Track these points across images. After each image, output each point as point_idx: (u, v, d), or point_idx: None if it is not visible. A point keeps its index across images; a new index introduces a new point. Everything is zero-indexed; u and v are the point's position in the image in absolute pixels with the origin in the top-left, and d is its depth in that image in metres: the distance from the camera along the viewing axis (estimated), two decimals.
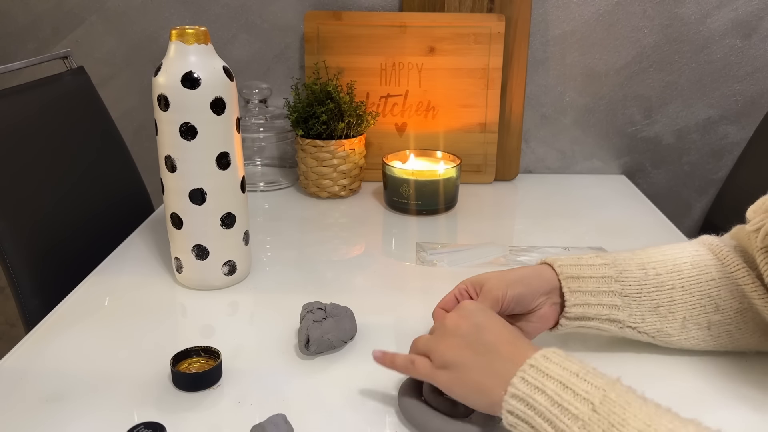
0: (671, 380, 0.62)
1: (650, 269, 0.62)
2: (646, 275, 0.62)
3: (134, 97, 1.26)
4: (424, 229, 0.99)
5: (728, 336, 0.62)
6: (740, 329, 0.61)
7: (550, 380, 0.46)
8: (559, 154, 1.26)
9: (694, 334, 0.62)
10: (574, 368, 0.47)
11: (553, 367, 0.47)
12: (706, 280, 0.61)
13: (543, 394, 0.46)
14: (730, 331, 0.62)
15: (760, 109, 1.20)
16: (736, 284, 0.60)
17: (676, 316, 0.62)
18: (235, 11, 1.19)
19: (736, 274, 0.60)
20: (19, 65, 0.95)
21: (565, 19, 1.16)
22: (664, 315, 0.62)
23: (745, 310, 0.61)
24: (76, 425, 0.56)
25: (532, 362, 0.48)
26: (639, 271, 0.62)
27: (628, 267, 0.62)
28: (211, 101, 0.72)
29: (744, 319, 0.61)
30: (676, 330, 0.62)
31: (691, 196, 1.28)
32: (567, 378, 0.46)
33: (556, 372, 0.47)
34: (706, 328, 0.62)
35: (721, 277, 0.61)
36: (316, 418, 0.57)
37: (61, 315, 0.75)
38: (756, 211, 0.58)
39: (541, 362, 0.48)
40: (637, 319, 0.62)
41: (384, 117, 1.17)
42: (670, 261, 0.63)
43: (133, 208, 1.11)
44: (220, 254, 0.78)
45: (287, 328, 0.71)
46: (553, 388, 0.46)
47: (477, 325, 0.53)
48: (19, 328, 1.47)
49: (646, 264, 0.63)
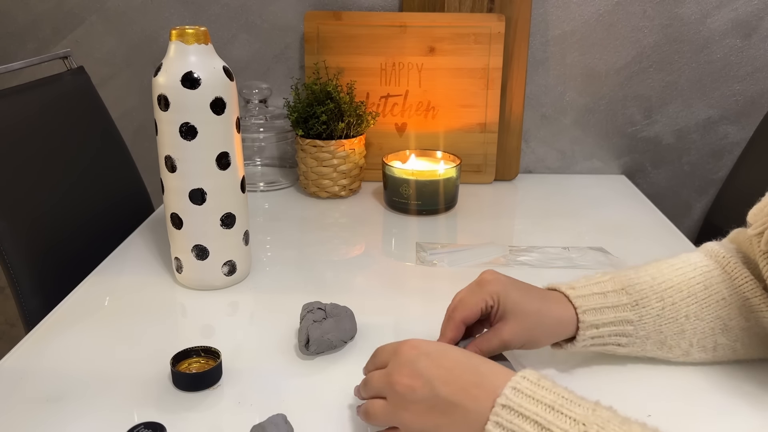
0: (673, 380, 0.62)
1: (667, 299, 0.60)
2: (663, 308, 0.60)
3: (134, 97, 1.26)
4: (424, 229, 0.99)
5: (732, 353, 0.62)
6: (744, 345, 0.61)
7: (526, 421, 0.43)
8: (559, 154, 1.26)
9: (696, 357, 0.62)
10: (549, 399, 0.44)
11: (525, 402, 0.44)
12: (716, 300, 0.60)
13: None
14: (735, 348, 0.61)
15: (760, 109, 1.20)
16: (744, 299, 0.60)
17: (681, 344, 0.61)
18: (235, 11, 1.19)
19: (744, 288, 0.60)
20: (19, 65, 0.95)
21: (565, 19, 1.16)
22: (669, 345, 0.61)
23: (751, 327, 0.60)
24: (76, 425, 0.56)
25: (503, 401, 0.44)
26: (657, 304, 0.60)
27: (648, 303, 0.60)
28: (211, 101, 0.72)
29: (749, 335, 0.61)
30: (677, 356, 0.62)
31: (691, 196, 1.28)
32: (543, 416, 0.43)
33: (529, 410, 0.43)
34: (711, 350, 0.62)
35: (731, 295, 0.60)
36: (316, 418, 0.57)
37: (61, 315, 0.75)
38: (757, 215, 0.57)
39: (513, 399, 0.44)
40: (637, 350, 0.62)
41: (384, 117, 1.17)
42: (684, 285, 0.61)
43: (133, 208, 1.11)
44: (220, 254, 0.78)
45: (287, 328, 0.71)
46: (531, 430, 0.43)
47: (429, 381, 0.47)
48: (19, 328, 1.47)
49: (664, 293, 0.61)
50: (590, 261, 0.87)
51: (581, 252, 0.89)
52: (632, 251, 0.90)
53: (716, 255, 0.63)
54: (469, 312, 0.60)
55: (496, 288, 0.60)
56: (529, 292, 0.62)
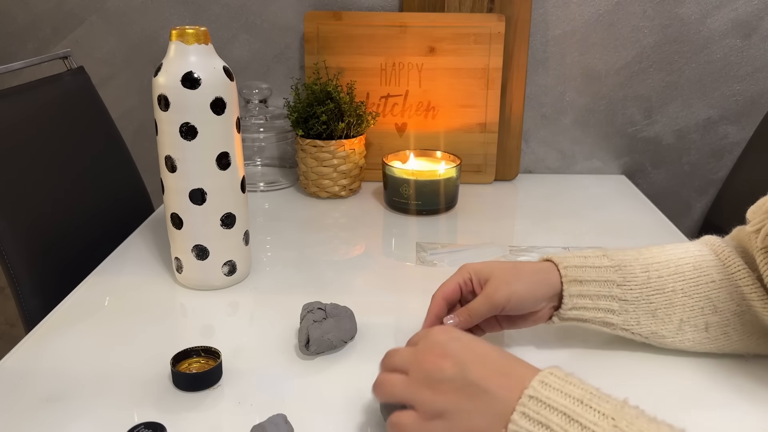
0: (673, 377, 0.62)
1: (653, 271, 0.62)
2: (648, 278, 0.62)
3: (134, 97, 1.26)
4: (424, 229, 0.99)
5: (725, 338, 0.62)
6: (737, 331, 0.61)
7: (554, 412, 0.42)
8: (559, 154, 1.26)
9: (690, 336, 0.62)
10: (577, 393, 0.43)
11: (554, 395, 0.43)
12: (706, 282, 0.61)
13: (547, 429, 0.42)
14: (728, 333, 0.62)
15: (760, 109, 1.20)
16: (736, 286, 0.60)
17: (672, 318, 0.62)
18: (235, 11, 1.19)
19: (737, 275, 0.60)
20: (19, 65, 0.95)
21: (565, 19, 1.16)
22: (660, 318, 0.62)
23: (743, 313, 0.61)
24: (76, 425, 0.56)
25: (531, 392, 0.44)
26: (642, 274, 0.62)
27: (632, 270, 0.62)
28: (211, 101, 0.72)
29: (741, 321, 0.61)
30: (671, 332, 0.62)
31: (691, 196, 1.28)
32: (572, 408, 0.42)
33: (558, 402, 0.43)
34: (703, 330, 0.62)
35: (722, 279, 0.61)
36: (316, 418, 0.57)
37: (61, 315, 0.75)
38: (756, 212, 0.58)
39: (541, 391, 0.43)
40: (631, 323, 0.62)
41: (384, 117, 1.17)
42: (672, 262, 0.63)
43: (133, 208, 1.11)
44: (220, 254, 0.78)
45: (287, 328, 0.71)
46: (558, 421, 0.42)
47: (460, 363, 0.47)
48: (19, 328, 1.47)
49: (650, 266, 0.62)
50: None
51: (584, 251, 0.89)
52: None
53: (712, 243, 0.64)
54: (447, 288, 0.64)
55: (472, 266, 0.64)
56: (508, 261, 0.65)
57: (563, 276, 0.62)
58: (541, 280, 0.62)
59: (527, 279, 0.62)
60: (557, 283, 0.62)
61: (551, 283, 0.62)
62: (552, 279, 0.62)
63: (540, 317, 0.64)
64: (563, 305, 0.62)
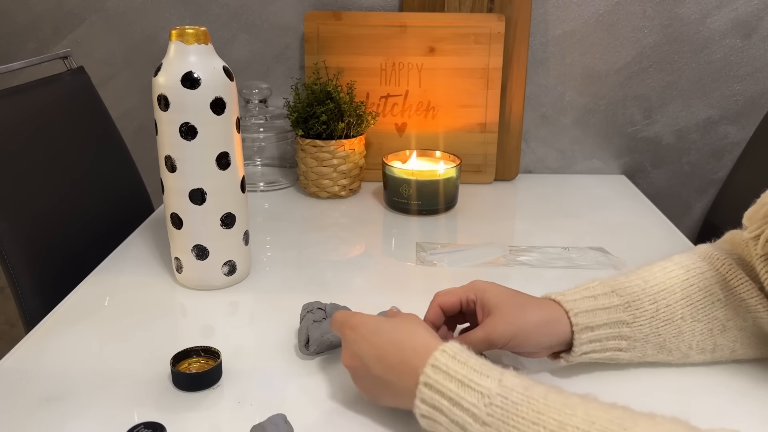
0: (668, 379, 0.62)
1: (661, 301, 0.60)
2: (657, 310, 0.60)
3: (134, 97, 1.26)
4: (424, 229, 0.99)
5: (731, 353, 0.62)
6: (743, 345, 0.61)
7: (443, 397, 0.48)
8: (559, 154, 1.26)
9: (695, 359, 0.62)
10: (461, 373, 0.48)
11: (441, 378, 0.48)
12: (712, 302, 0.60)
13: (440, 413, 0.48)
14: (734, 349, 0.61)
15: (760, 109, 1.20)
16: (740, 300, 0.59)
17: (680, 347, 0.61)
18: (235, 11, 1.19)
19: (740, 289, 0.59)
20: (19, 65, 0.95)
21: (565, 19, 1.16)
22: (668, 349, 0.61)
23: (748, 327, 0.60)
24: (76, 425, 0.56)
25: (423, 379, 0.49)
26: (651, 306, 0.60)
27: (641, 305, 0.60)
28: (211, 101, 0.72)
29: (747, 335, 0.60)
30: (677, 358, 0.62)
31: (691, 196, 1.28)
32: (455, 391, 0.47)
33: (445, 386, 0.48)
34: (710, 352, 0.61)
35: (726, 296, 0.60)
36: (316, 418, 0.57)
37: (61, 315, 0.75)
38: (752, 218, 0.57)
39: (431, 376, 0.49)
40: (638, 356, 0.61)
41: (384, 117, 1.17)
42: (678, 287, 0.60)
43: (133, 208, 1.11)
44: (220, 254, 0.78)
45: (287, 328, 0.71)
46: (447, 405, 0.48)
47: (364, 363, 0.54)
48: (19, 328, 1.47)
49: (657, 296, 0.60)
50: (590, 261, 0.87)
51: (581, 252, 0.89)
52: (632, 251, 0.90)
53: (710, 257, 0.62)
54: (448, 298, 0.63)
55: (479, 285, 0.62)
56: (516, 292, 0.62)
57: (574, 325, 0.59)
58: (549, 331, 0.59)
59: (533, 324, 0.59)
60: (566, 332, 0.59)
61: (559, 334, 0.59)
62: (561, 330, 0.59)
63: (538, 356, 0.62)
64: (573, 352, 0.60)
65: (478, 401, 0.46)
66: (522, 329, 0.58)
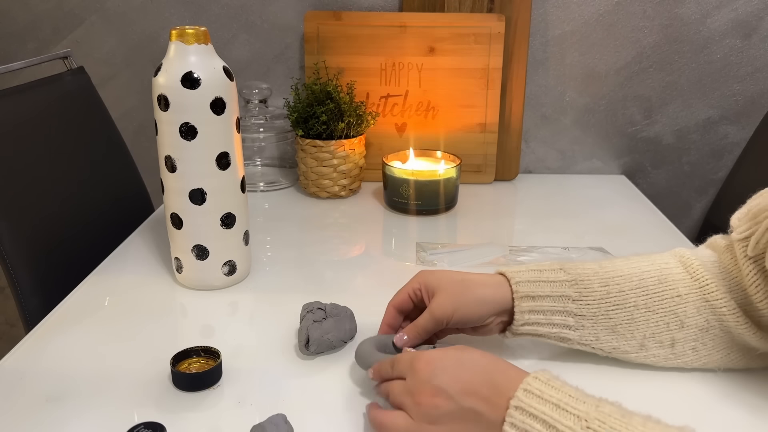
0: (671, 389, 0.62)
1: (613, 286, 0.60)
2: (608, 293, 0.60)
3: (134, 97, 1.26)
4: (424, 229, 0.99)
5: (693, 353, 0.60)
6: (706, 346, 0.60)
7: (536, 420, 0.46)
8: (559, 154, 1.26)
9: (654, 352, 0.61)
10: (556, 398, 0.46)
11: (535, 402, 0.46)
12: (671, 296, 0.59)
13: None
14: (696, 348, 0.60)
15: (760, 109, 1.20)
16: (705, 300, 0.59)
17: (635, 334, 0.60)
18: (235, 11, 1.19)
19: (706, 289, 0.59)
20: (19, 65, 0.95)
21: (565, 20, 1.16)
22: (621, 334, 0.60)
23: (712, 328, 0.59)
24: (76, 425, 0.56)
25: (516, 403, 0.47)
26: (601, 288, 0.60)
27: (590, 285, 0.60)
28: (211, 101, 0.72)
29: (710, 336, 0.59)
30: (633, 348, 0.61)
31: (691, 196, 1.28)
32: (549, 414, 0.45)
33: (539, 409, 0.46)
34: (669, 346, 0.60)
35: (688, 293, 0.59)
36: (316, 418, 0.57)
37: (61, 315, 0.75)
38: (741, 219, 0.57)
39: (524, 400, 0.47)
40: (590, 338, 0.61)
41: (384, 117, 1.17)
42: (636, 276, 0.61)
43: (133, 208, 1.11)
44: (220, 254, 0.78)
45: (287, 328, 0.71)
46: (539, 428, 0.45)
47: (452, 397, 0.50)
48: (19, 328, 1.47)
49: (610, 280, 0.60)
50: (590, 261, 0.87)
51: (581, 252, 0.89)
52: (632, 251, 0.89)
53: (681, 256, 0.62)
54: (398, 299, 0.65)
55: (422, 274, 0.64)
56: (461, 272, 0.64)
57: (514, 292, 0.60)
58: (489, 296, 0.61)
59: (473, 295, 0.61)
60: (507, 299, 0.61)
61: (499, 300, 0.61)
62: (500, 295, 0.61)
63: (489, 330, 0.63)
64: (515, 321, 0.61)
65: (574, 424, 0.44)
66: (463, 302, 0.60)
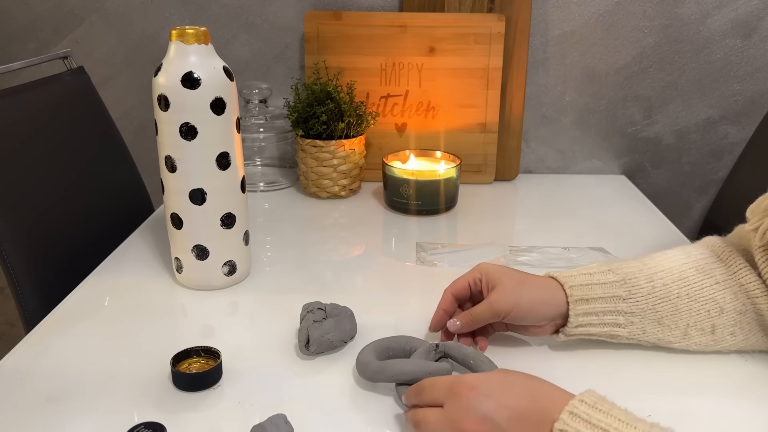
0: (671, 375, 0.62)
1: (657, 280, 0.62)
2: (653, 288, 0.62)
3: (134, 97, 1.26)
4: (424, 229, 0.99)
5: (732, 338, 0.62)
6: (743, 330, 0.62)
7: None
8: (559, 154, 1.26)
9: (696, 340, 0.63)
10: (605, 423, 0.44)
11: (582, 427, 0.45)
12: (710, 284, 0.62)
13: None
14: (734, 333, 0.62)
15: (760, 109, 1.20)
16: (740, 284, 0.61)
17: (679, 324, 0.62)
18: (235, 11, 1.19)
19: (739, 274, 0.61)
20: (19, 65, 0.95)
21: (565, 20, 1.16)
22: (666, 325, 0.62)
23: (748, 311, 0.61)
24: (76, 425, 0.56)
25: (561, 426, 0.45)
26: (647, 284, 0.62)
27: (637, 282, 0.62)
28: (211, 101, 0.72)
29: (747, 319, 0.62)
30: (677, 337, 0.63)
31: (691, 196, 1.28)
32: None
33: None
34: (710, 333, 0.62)
35: (725, 279, 0.62)
36: (316, 418, 0.57)
37: (61, 315, 0.75)
38: (754, 211, 0.59)
39: (570, 424, 0.45)
40: (637, 333, 0.63)
41: (384, 117, 1.17)
42: (676, 269, 0.63)
43: (133, 208, 1.11)
44: (220, 254, 0.78)
45: (287, 328, 0.71)
46: None
47: (498, 425, 0.48)
48: (19, 328, 1.47)
49: (654, 275, 0.63)
50: (590, 261, 0.86)
51: (581, 252, 0.89)
52: (632, 251, 0.90)
53: (712, 245, 0.65)
54: (458, 285, 0.66)
55: (483, 265, 0.66)
56: (517, 270, 0.66)
57: (569, 296, 0.62)
58: (546, 299, 0.63)
59: (532, 295, 0.63)
60: (562, 303, 0.63)
61: (556, 304, 0.63)
62: (557, 300, 0.63)
63: (542, 331, 0.65)
64: (569, 323, 0.62)
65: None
66: (522, 299, 0.62)
